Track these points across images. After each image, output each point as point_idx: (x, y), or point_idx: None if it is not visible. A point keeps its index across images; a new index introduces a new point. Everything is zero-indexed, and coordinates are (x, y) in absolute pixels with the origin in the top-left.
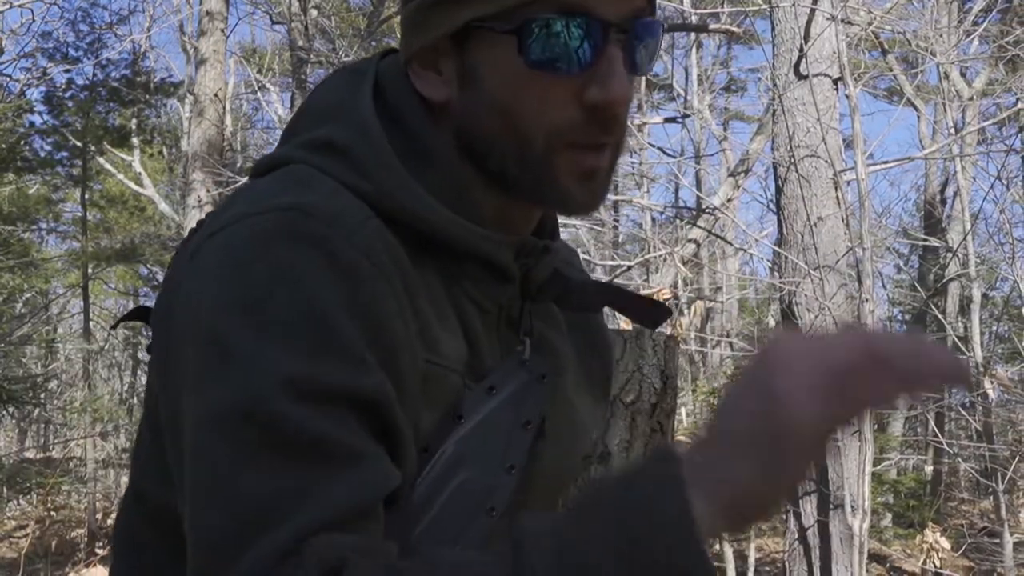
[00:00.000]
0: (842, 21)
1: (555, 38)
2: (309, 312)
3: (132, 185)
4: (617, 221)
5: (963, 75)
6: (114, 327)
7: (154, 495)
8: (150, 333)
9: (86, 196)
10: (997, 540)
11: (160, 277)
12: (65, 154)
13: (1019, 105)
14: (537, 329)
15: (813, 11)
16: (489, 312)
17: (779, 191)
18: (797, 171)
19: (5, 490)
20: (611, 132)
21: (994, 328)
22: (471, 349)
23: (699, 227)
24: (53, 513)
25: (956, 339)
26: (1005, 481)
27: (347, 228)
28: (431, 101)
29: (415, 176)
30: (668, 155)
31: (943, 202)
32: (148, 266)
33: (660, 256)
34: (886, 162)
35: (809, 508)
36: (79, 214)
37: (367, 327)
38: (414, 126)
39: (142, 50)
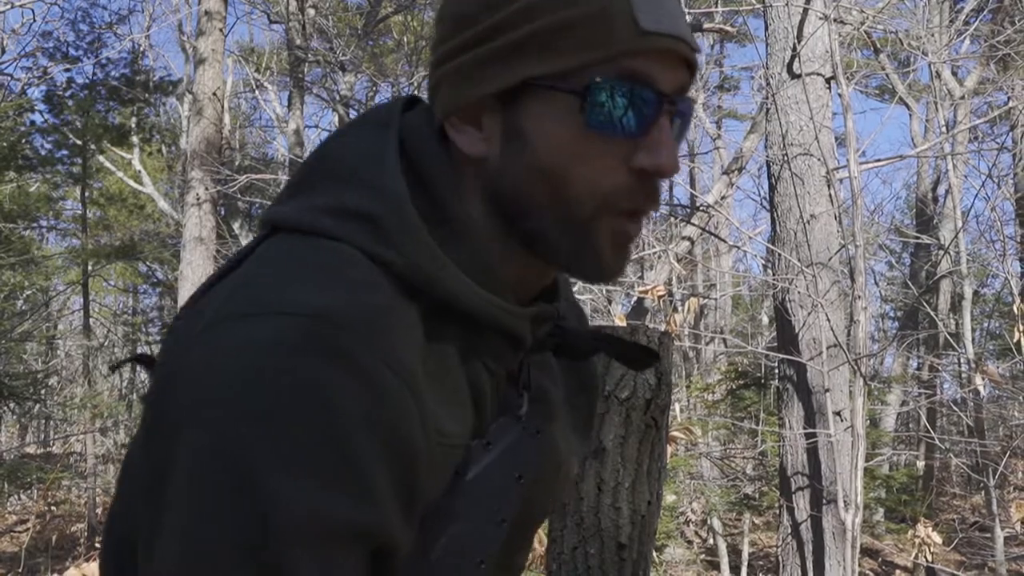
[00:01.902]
0: (835, 20)
1: (617, 102)
2: (331, 437)
3: (132, 183)
4: None
5: (955, 74)
6: (113, 370)
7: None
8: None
9: (86, 194)
10: (988, 535)
11: (159, 274)
12: (65, 152)
13: (1010, 103)
14: (534, 380)
15: (806, 10)
16: (497, 375)
17: (772, 189)
18: (790, 169)
19: (6, 485)
20: (655, 200)
21: (985, 324)
22: (477, 413)
23: (693, 224)
24: (53, 508)
25: (948, 335)
26: (996, 476)
27: (374, 336)
28: (467, 156)
29: (441, 243)
30: None
31: (935, 200)
32: (147, 263)
33: (655, 253)
34: (878, 160)
35: (802, 503)
36: (79, 212)
37: (387, 444)
38: (443, 192)
39: (141, 49)
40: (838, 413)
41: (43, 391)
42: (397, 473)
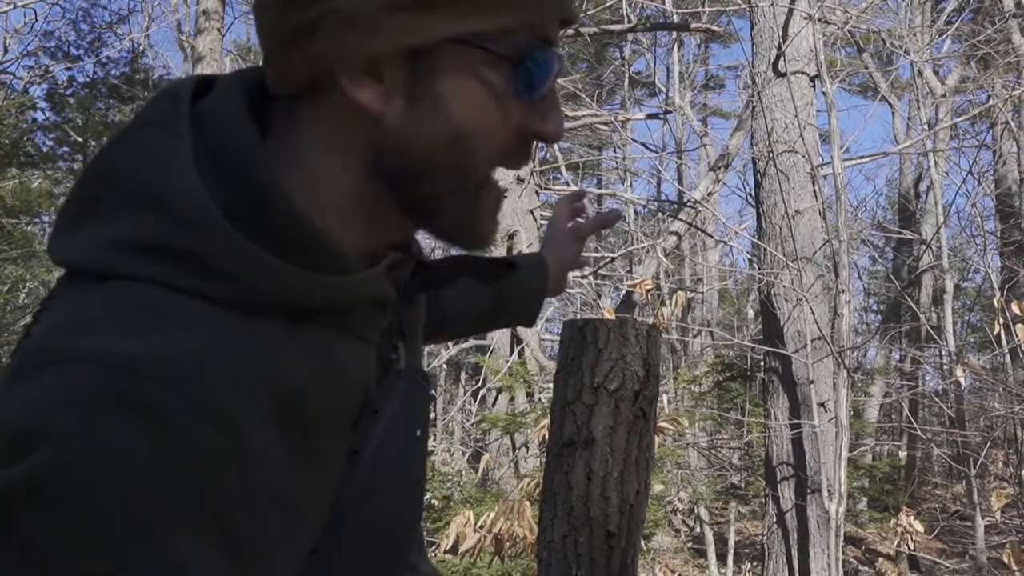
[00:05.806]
0: (819, 20)
1: (541, 68)
2: (131, 506)
3: None
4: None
5: (936, 72)
6: None
7: None
8: None
9: None
10: (969, 523)
11: None
12: (66, 149)
13: (990, 102)
14: (407, 327)
15: (791, 10)
16: (372, 341)
17: (758, 185)
18: (775, 166)
19: None
20: (528, 160)
21: (966, 318)
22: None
23: (680, 220)
24: None
25: (930, 328)
26: (977, 466)
27: (182, 383)
28: (368, 111)
29: (268, 247)
30: (650, 150)
31: (917, 196)
32: None
33: (643, 248)
34: (862, 157)
35: (787, 492)
36: None
37: (204, 498)
38: (269, 190)
39: (141, 48)
40: (822, 404)
41: None
42: (225, 531)
